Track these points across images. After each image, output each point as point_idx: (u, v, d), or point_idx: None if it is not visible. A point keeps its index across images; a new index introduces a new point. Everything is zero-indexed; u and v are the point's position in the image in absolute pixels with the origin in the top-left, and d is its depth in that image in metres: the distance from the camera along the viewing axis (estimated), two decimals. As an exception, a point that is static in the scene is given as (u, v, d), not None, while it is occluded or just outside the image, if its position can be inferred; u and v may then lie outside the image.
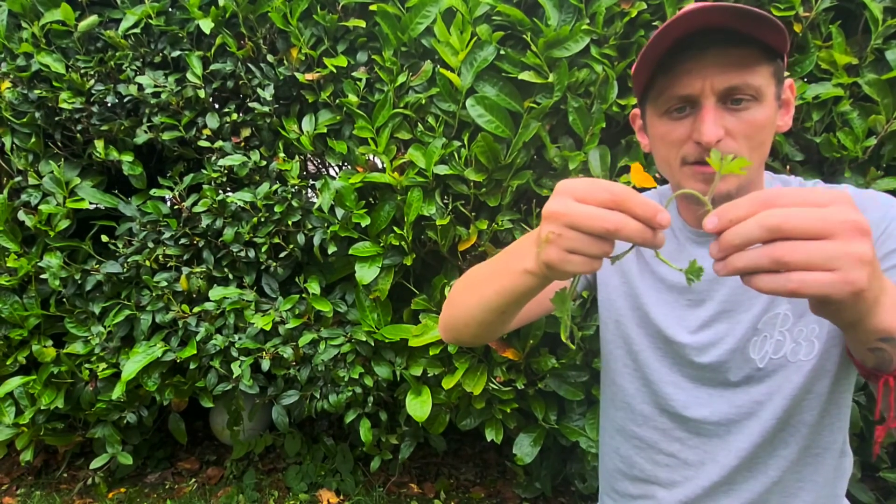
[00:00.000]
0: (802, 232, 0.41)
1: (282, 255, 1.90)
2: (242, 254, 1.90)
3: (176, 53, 1.85)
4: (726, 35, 0.63)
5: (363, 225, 1.73)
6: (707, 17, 0.61)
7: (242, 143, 1.90)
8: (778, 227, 0.41)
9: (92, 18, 1.82)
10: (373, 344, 1.85)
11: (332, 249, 1.78)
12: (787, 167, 1.51)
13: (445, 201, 1.68)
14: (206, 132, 1.88)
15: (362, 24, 1.70)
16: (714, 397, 0.78)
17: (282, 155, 1.87)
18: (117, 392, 1.94)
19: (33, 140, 1.93)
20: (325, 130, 1.79)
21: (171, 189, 1.94)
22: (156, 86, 1.82)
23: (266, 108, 1.81)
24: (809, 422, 0.75)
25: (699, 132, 0.65)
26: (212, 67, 1.83)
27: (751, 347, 0.75)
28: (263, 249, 1.88)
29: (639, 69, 0.68)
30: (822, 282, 0.41)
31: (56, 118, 1.89)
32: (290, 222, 1.84)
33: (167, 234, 1.93)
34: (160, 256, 1.94)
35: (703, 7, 0.61)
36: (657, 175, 1.56)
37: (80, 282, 1.96)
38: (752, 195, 0.44)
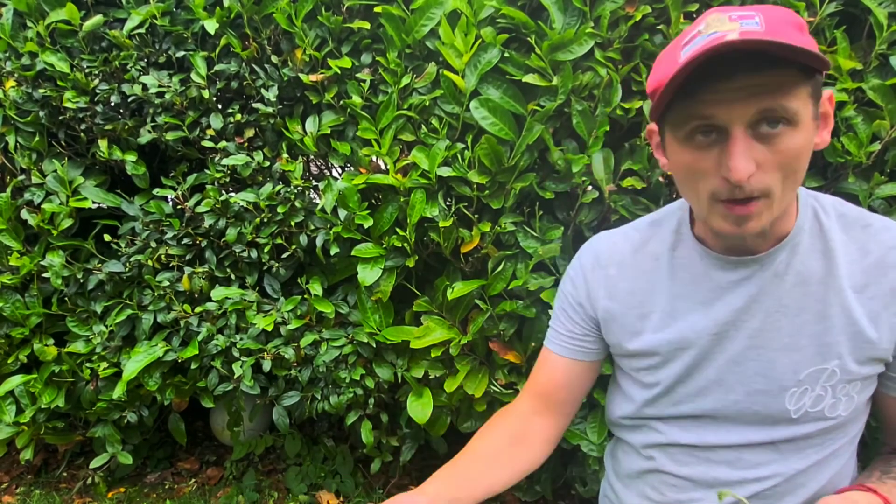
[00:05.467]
0: None
1: (284, 255, 1.90)
2: (245, 254, 1.90)
3: (180, 54, 1.86)
4: (758, 58, 0.55)
5: (366, 226, 1.73)
6: (740, 48, 0.54)
7: (246, 144, 1.90)
8: None
9: (97, 18, 1.83)
10: (374, 345, 1.84)
11: (334, 250, 1.78)
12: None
13: (448, 203, 1.68)
14: (210, 132, 1.88)
15: (367, 25, 1.70)
16: (731, 432, 0.75)
17: (285, 156, 1.87)
18: (118, 391, 1.94)
19: (37, 139, 1.93)
20: (328, 131, 1.79)
21: (174, 189, 1.94)
22: (160, 86, 1.83)
23: (270, 109, 1.81)
24: (842, 461, 0.75)
25: (727, 168, 0.58)
26: (216, 68, 1.83)
27: (787, 397, 0.70)
28: (266, 250, 1.88)
29: (661, 92, 0.60)
30: None
31: (60, 117, 1.90)
32: (292, 223, 1.84)
33: (170, 234, 1.93)
34: (162, 256, 1.94)
35: (737, 43, 0.53)
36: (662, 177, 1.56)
37: (82, 281, 1.96)
38: None
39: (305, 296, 1.91)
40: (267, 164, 1.87)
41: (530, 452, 0.88)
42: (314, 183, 1.97)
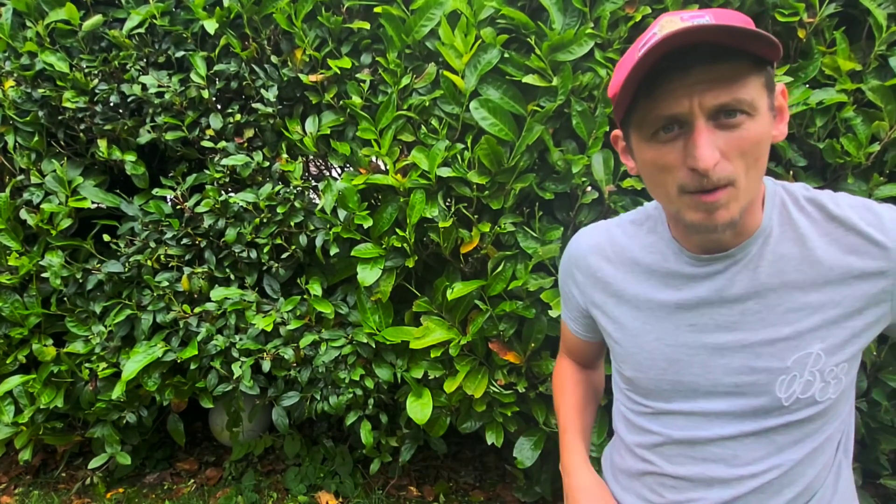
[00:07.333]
0: None
1: (283, 256, 1.90)
2: (244, 254, 1.90)
3: (180, 54, 1.86)
4: (711, 49, 0.58)
5: (365, 226, 1.73)
6: (691, 37, 0.57)
7: (245, 144, 1.90)
8: None
9: (96, 18, 1.83)
10: (374, 346, 1.84)
11: (334, 251, 1.78)
12: (791, 172, 1.52)
13: (448, 204, 1.68)
14: (210, 132, 1.88)
15: (367, 25, 1.70)
16: (724, 426, 0.75)
17: (285, 156, 1.87)
18: (117, 392, 1.94)
19: (36, 139, 1.93)
20: (328, 132, 1.79)
21: (174, 189, 1.94)
22: (159, 86, 1.82)
23: (269, 109, 1.81)
24: (833, 449, 0.75)
25: (693, 158, 0.60)
26: (216, 68, 1.83)
27: (777, 385, 0.70)
28: (265, 250, 1.88)
29: (619, 94, 0.63)
30: None
31: (59, 117, 1.90)
32: (292, 223, 1.84)
33: (169, 234, 1.93)
34: (162, 256, 1.94)
35: (688, 29, 0.56)
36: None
37: (81, 281, 1.96)
38: None
39: (305, 296, 1.91)
40: (266, 164, 1.87)
41: (597, 379, 1.06)
42: (314, 183, 1.97)
